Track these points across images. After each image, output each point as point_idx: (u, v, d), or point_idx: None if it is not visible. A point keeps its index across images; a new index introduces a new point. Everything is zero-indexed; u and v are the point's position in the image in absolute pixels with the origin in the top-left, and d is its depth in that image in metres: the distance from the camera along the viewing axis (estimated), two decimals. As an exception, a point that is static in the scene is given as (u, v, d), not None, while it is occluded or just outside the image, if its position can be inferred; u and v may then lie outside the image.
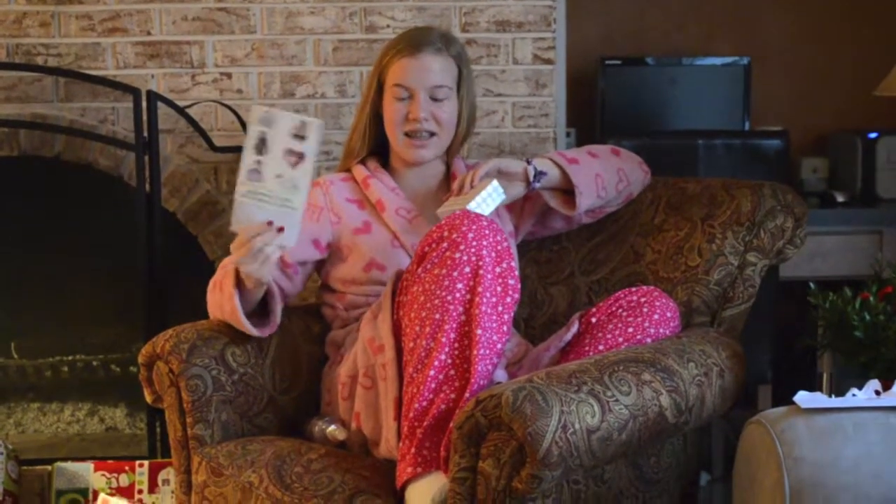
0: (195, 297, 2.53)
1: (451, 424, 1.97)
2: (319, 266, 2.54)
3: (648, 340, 2.24)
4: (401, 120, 2.48)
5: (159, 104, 2.97)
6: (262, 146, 2.17)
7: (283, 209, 2.17)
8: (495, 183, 2.35)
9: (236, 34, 3.14)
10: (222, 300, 2.33)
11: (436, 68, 2.46)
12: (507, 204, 2.48)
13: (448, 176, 2.59)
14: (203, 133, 3.04)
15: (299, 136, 2.18)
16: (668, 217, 2.55)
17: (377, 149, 2.58)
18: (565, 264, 2.65)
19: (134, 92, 2.94)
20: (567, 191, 2.48)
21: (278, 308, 2.37)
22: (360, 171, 2.56)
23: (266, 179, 2.16)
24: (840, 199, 3.68)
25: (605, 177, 2.50)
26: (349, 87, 3.16)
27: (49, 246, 3.32)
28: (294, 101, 3.15)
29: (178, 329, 2.38)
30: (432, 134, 2.48)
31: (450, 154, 2.59)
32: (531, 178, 2.43)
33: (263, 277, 2.24)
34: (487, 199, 2.32)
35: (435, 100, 2.47)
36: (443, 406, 2.05)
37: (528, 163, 2.44)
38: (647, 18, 3.97)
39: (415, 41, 2.48)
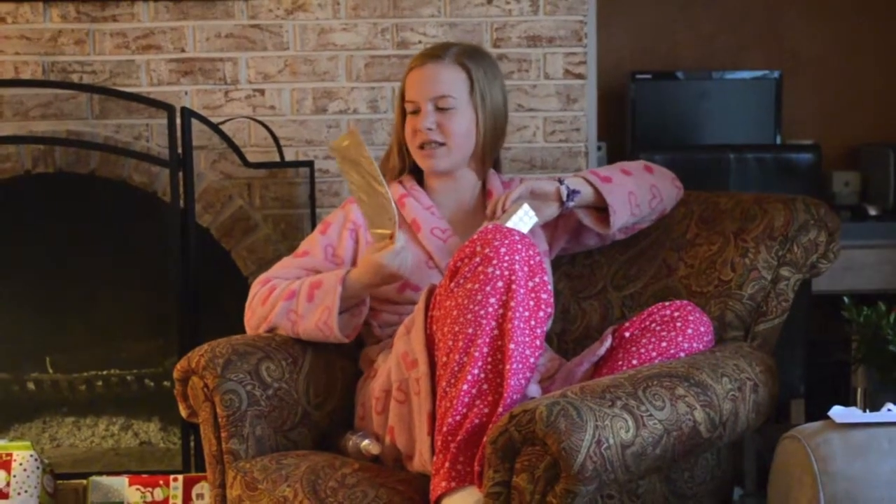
0: (229, 312, 2.54)
1: (485, 439, 1.97)
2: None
3: (682, 355, 2.24)
4: (411, 133, 2.50)
5: (193, 120, 3.00)
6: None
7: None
8: (526, 206, 2.35)
9: (269, 51, 3.16)
10: (307, 308, 2.39)
11: (438, 78, 2.46)
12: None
13: (484, 192, 2.59)
14: (236, 149, 3.06)
15: None
16: (701, 231, 2.54)
17: (412, 166, 2.59)
18: (598, 279, 2.65)
19: (168, 108, 2.96)
20: (600, 209, 2.48)
21: (365, 313, 2.44)
22: (396, 190, 2.56)
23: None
24: (872, 212, 3.67)
25: (638, 194, 2.49)
26: (381, 102, 3.17)
27: (83, 261, 3.34)
28: (326, 117, 3.17)
29: (213, 344, 2.39)
30: (441, 144, 2.49)
31: (482, 167, 2.58)
32: (564, 198, 2.43)
33: (407, 271, 2.35)
34: (519, 224, 2.32)
35: (441, 110, 2.48)
36: (476, 420, 2.05)
37: (561, 182, 2.44)
38: (678, 33, 3.97)
39: (423, 54, 2.50)
